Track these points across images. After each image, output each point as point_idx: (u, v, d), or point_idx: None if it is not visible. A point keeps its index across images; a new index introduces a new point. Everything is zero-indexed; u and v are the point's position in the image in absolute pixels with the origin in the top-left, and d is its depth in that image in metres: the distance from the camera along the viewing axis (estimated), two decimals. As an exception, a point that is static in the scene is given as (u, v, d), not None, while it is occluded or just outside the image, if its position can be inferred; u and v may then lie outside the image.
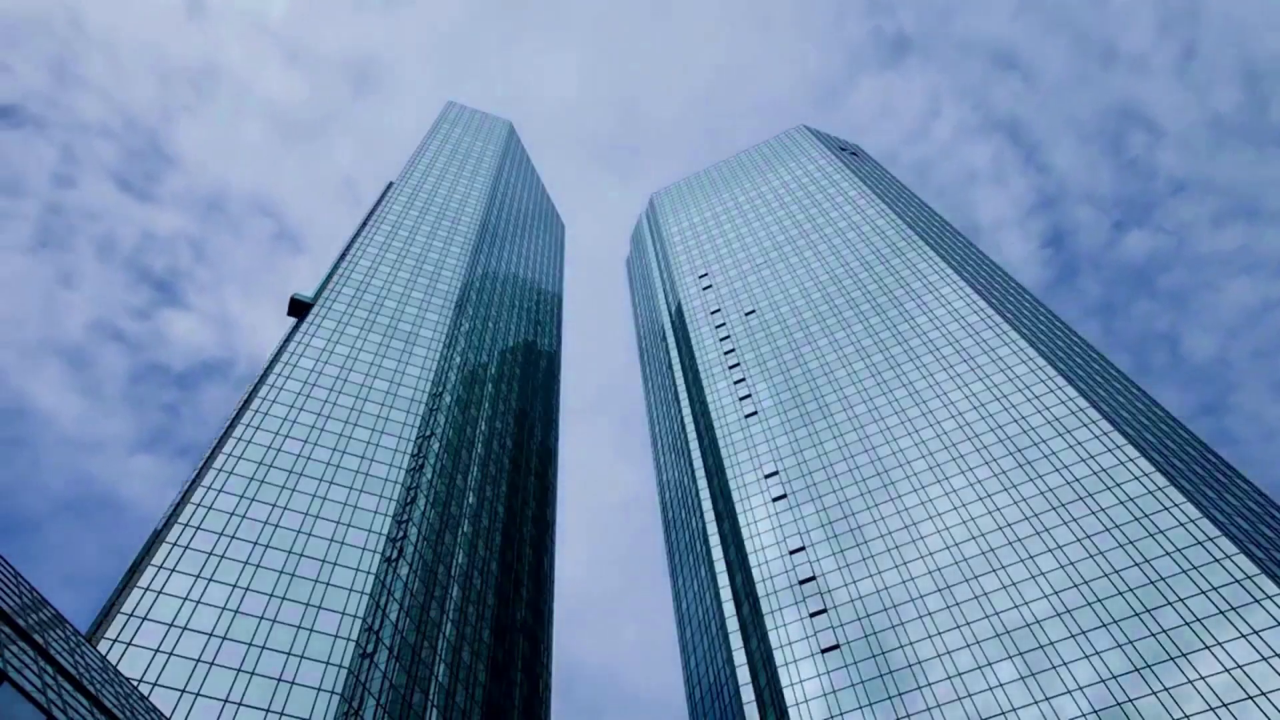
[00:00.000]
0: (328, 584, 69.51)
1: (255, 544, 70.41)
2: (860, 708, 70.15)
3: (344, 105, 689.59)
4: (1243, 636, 61.42)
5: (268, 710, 58.04)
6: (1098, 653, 65.22)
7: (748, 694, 77.96)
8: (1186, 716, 58.55)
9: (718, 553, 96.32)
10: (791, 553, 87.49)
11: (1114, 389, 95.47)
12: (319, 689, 60.65)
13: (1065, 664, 65.65)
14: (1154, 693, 60.89)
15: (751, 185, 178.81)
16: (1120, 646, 64.87)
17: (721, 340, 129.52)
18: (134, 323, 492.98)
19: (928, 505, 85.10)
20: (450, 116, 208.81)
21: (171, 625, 60.85)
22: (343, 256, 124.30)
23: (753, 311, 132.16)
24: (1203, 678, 60.26)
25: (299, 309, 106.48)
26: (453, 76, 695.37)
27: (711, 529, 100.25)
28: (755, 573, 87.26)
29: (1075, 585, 70.88)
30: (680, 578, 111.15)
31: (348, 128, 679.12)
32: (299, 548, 71.80)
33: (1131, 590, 68.27)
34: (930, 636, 72.95)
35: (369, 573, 71.96)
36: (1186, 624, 64.07)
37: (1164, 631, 64.32)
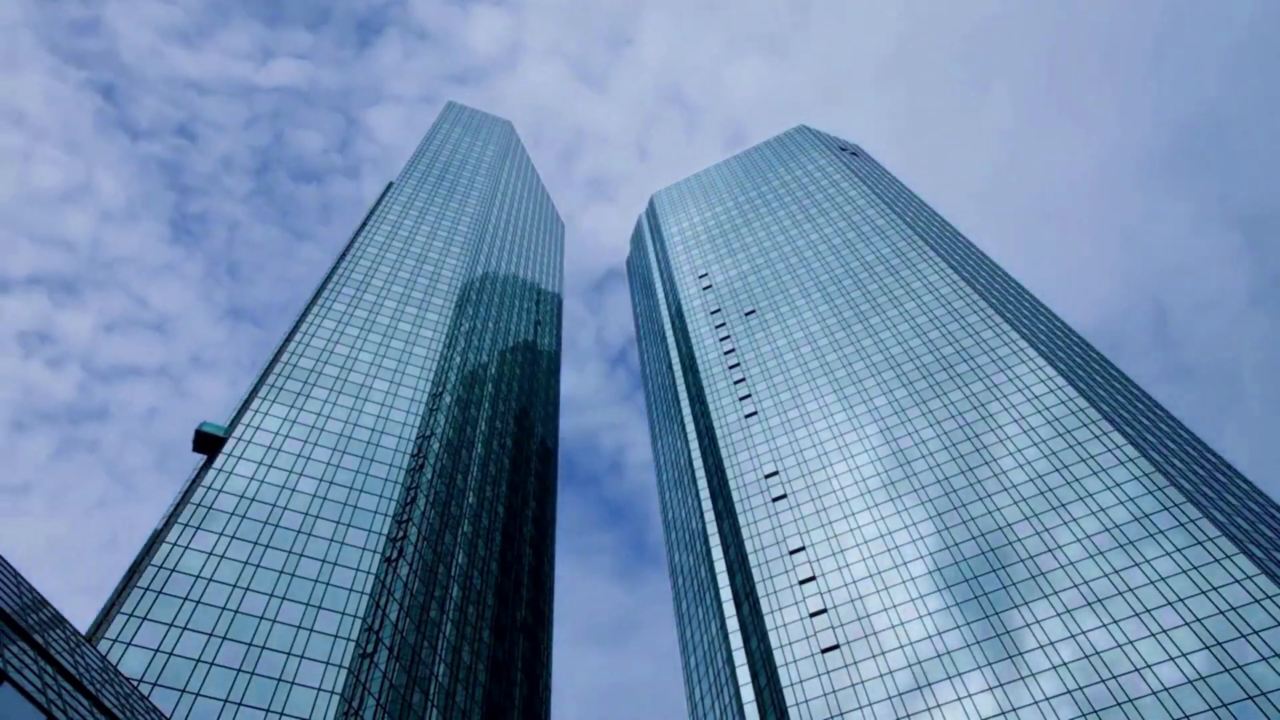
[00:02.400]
0: (328, 584, 69.52)
1: (255, 544, 70.42)
2: (860, 708, 70.15)
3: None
4: (1243, 636, 61.42)
5: (268, 710, 58.05)
6: (1098, 652, 65.22)
7: (748, 694, 77.96)
8: (1187, 716, 58.54)
9: (718, 553, 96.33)
10: (791, 553, 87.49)
11: (1114, 389, 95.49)
12: (319, 689, 60.66)
13: (1065, 664, 65.65)
14: (1154, 693, 60.89)
15: (752, 185, 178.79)
16: (1120, 646, 64.87)
17: (721, 340, 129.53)
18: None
19: (927, 505, 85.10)
20: (450, 116, 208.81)
21: (171, 625, 60.85)
22: (343, 256, 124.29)
23: (753, 311, 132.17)
24: (1202, 678, 60.27)
25: (207, 444, 79.93)
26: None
27: (711, 529, 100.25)
28: (755, 573, 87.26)
29: (1075, 585, 70.88)
30: (680, 577, 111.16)
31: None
32: (299, 548, 71.81)
33: (1132, 590, 68.27)
34: (930, 637, 72.95)
35: (369, 573, 71.96)
36: (1187, 624, 64.07)
37: (1164, 631, 64.32)
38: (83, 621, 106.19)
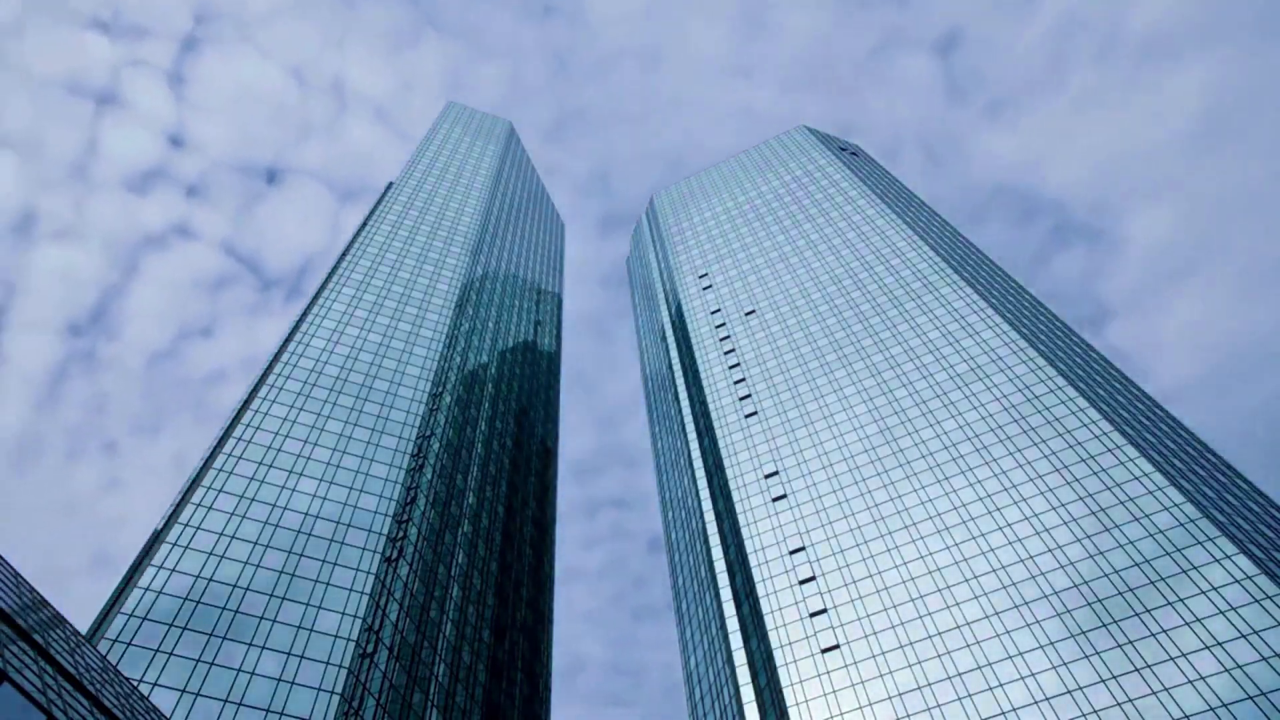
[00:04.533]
0: (328, 584, 69.53)
1: (255, 544, 70.43)
2: (860, 708, 70.16)
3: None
4: (1242, 636, 61.43)
5: (268, 710, 58.05)
6: (1098, 652, 65.23)
7: (748, 694, 77.96)
8: (1186, 716, 58.55)
9: (718, 553, 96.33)
10: (791, 553, 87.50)
11: (1114, 389, 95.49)
12: (319, 689, 60.66)
13: (1065, 664, 65.66)
14: (1154, 693, 60.89)
15: (752, 185, 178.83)
16: (1120, 646, 64.88)
17: (721, 340, 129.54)
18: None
19: (927, 505, 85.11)
20: (450, 116, 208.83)
21: (172, 625, 60.86)
22: (343, 256, 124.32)
23: (753, 311, 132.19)
24: (1202, 678, 60.26)
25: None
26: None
27: (711, 529, 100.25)
28: (755, 573, 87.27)
29: (1075, 586, 70.89)
30: (680, 578, 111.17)
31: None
32: (299, 548, 71.82)
33: (1131, 590, 68.27)
34: (930, 637, 72.96)
35: (369, 573, 71.97)
36: (1187, 624, 64.08)
37: (1164, 631, 64.32)
38: (83, 621, 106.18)
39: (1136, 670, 62.85)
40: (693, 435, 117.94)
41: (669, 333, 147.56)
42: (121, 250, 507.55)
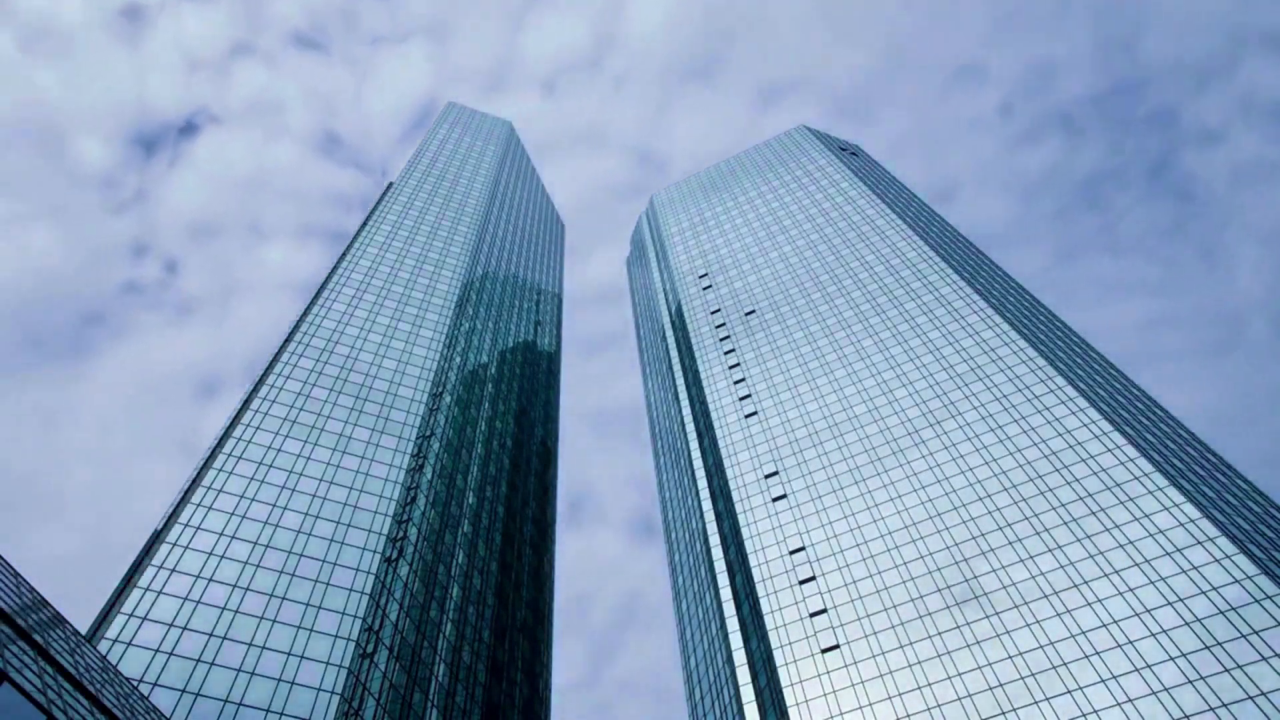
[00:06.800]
0: (328, 584, 69.52)
1: (255, 544, 70.42)
2: (860, 708, 70.14)
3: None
4: (1242, 636, 61.42)
5: (268, 710, 58.04)
6: (1098, 652, 65.22)
7: (748, 694, 77.95)
8: (1186, 716, 58.55)
9: (718, 553, 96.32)
10: (791, 553, 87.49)
11: (1114, 388, 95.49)
12: (319, 689, 60.66)
13: (1065, 664, 65.65)
14: (1154, 693, 60.88)
15: (751, 185, 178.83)
16: (1120, 647, 64.87)
17: (721, 340, 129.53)
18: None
19: (927, 505, 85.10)
20: (450, 116, 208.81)
21: (171, 625, 60.85)
22: (343, 256, 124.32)
23: (753, 311, 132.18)
24: (1202, 678, 60.26)
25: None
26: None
27: (711, 529, 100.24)
28: (755, 573, 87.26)
29: (1075, 585, 70.89)
30: (680, 577, 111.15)
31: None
32: (299, 548, 71.81)
33: (1131, 590, 68.27)
34: (930, 637, 72.95)
35: (369, 573, 71.96)
36: (1186, 624, 64.07)
37: (1164, 631, 64.32)
38: (83, 621, 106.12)
39: (1136, 670, 62.83)
40: (693, 435, 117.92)
41: (669, 333, 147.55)
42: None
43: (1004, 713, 64.67)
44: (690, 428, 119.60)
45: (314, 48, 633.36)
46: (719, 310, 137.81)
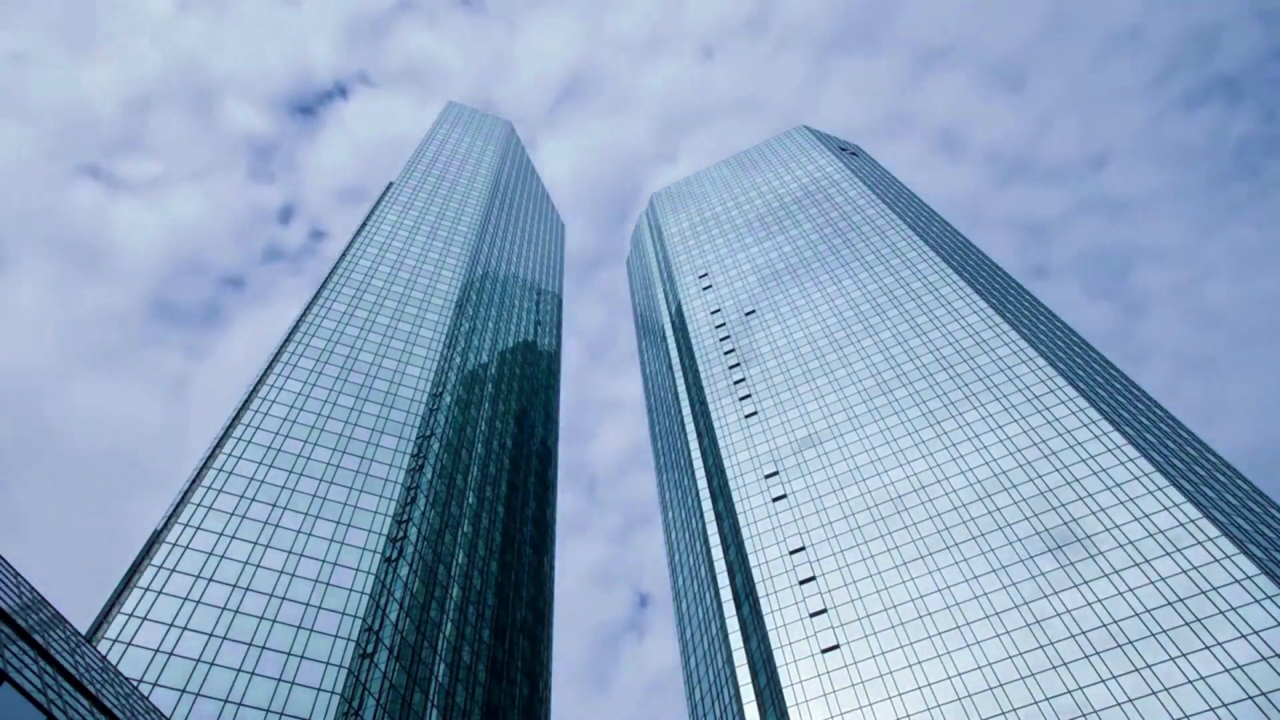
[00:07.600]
0: (328, 584, 69.51)
1: (255, 544, 70.41)
2: (860, 708, 70.14)
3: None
4: (1243, 636, 61.42)
5: (268, 710, 58.04)
6: (1098, 652, 65.22)
7: (748, 694, 77.95)
8: (1186, 716, 58.54)
9: (718, 553, 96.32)
10: (791, 553, 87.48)
11: (1114, 389, 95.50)
12: (319, 689, 60.66)
13: (1065, 664, 65.65)
14: (1154, 693, 60.89)
15: (751, 185, 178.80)
16: (1120, 647, 64.87)
17: (721, 340, 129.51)
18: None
19: (927, 505, 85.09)
20: (450, 116, 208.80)
21: (171, 625, 60.85)
22: (343, 256, 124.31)
23: (753, 311, 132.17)
24: (1202, 678, 60.26)
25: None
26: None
27: (711, 529, 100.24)
28: (755, 573, 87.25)
29: (1075, 585, 70.88)
30: (680, 577, 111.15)
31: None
32: (299, 548, 71.81)
33: (1131, 590, 68.27)
34: (930, 637, 72.94)
35: (369, 573, 71.96)
36: (1186, 624, 64.08)
37: (1164, 631, 64.32)
38: (83, 621, 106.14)
39: (1136, 670, 62.83)
40: (693, 435, 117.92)
41: (669, 333, 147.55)
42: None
43: (1004, 713, 64.66)
44: (690, 428, 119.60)
45: (471, 7, 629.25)
46: (719, 310, 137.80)
